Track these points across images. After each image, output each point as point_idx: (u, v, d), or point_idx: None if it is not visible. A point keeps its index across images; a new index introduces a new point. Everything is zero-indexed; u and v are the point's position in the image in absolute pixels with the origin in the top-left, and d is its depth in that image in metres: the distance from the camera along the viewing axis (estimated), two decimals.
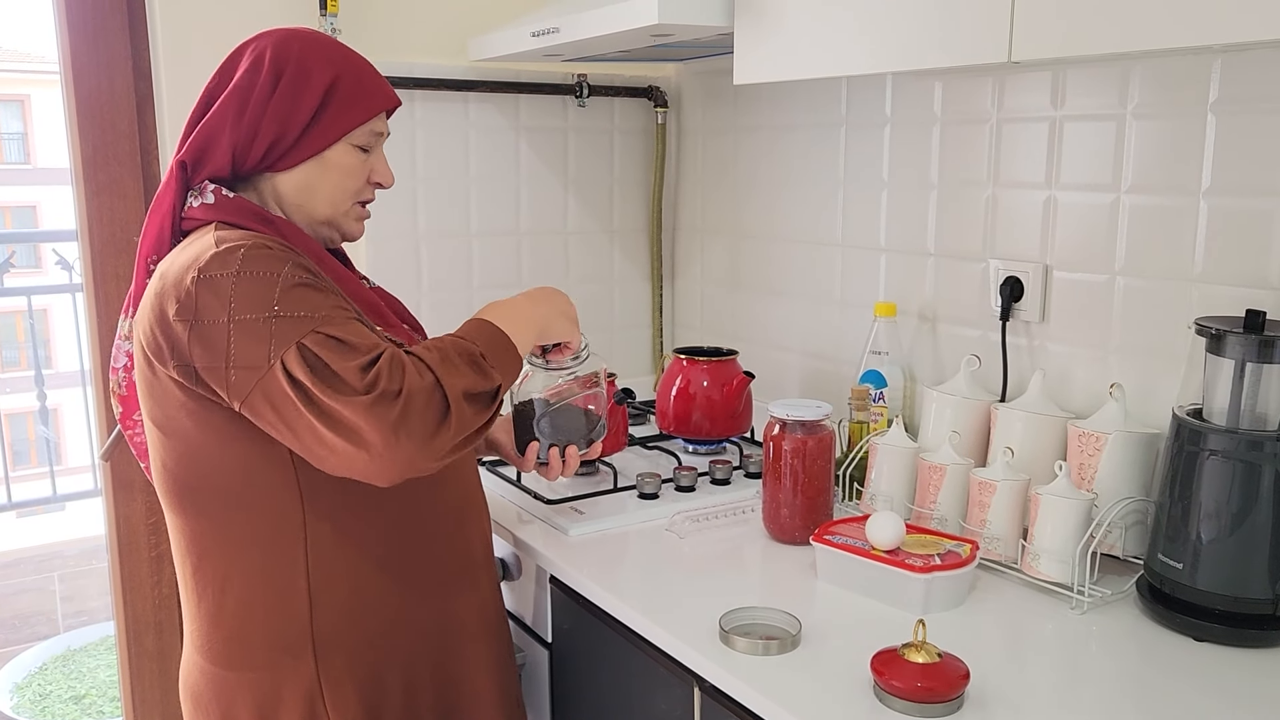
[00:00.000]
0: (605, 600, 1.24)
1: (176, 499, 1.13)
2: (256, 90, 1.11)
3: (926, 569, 1.17)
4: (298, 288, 1.03)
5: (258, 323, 1.00)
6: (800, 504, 1.37)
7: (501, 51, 1.78)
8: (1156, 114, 1.30)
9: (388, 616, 1.16)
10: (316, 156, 1.14)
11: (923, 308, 1.64)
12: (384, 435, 0.97)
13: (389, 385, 0.98)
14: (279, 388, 0.99)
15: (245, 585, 1.12)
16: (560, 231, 2.09)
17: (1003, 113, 1.49)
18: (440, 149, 1.93)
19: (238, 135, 1.11)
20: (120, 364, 1.22)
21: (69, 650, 3.30)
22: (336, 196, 1.17)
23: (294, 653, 1.12)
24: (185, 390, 1.05)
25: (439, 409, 1.00)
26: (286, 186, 1.15)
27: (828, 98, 1.78)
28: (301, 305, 1.01)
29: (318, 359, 0.99)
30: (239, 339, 1.00)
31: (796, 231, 1.89)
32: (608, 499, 1.53)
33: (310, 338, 1.00)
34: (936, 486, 1.36)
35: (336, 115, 1.14)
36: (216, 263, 1.02)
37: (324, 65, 1.13)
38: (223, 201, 1.11)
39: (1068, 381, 1.43)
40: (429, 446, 1.00)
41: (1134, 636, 1.13)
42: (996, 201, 1.51)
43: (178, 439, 1.09)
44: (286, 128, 1.12)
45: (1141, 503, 1.26)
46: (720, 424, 1.73)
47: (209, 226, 1.10)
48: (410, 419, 0.98)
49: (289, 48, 1.14)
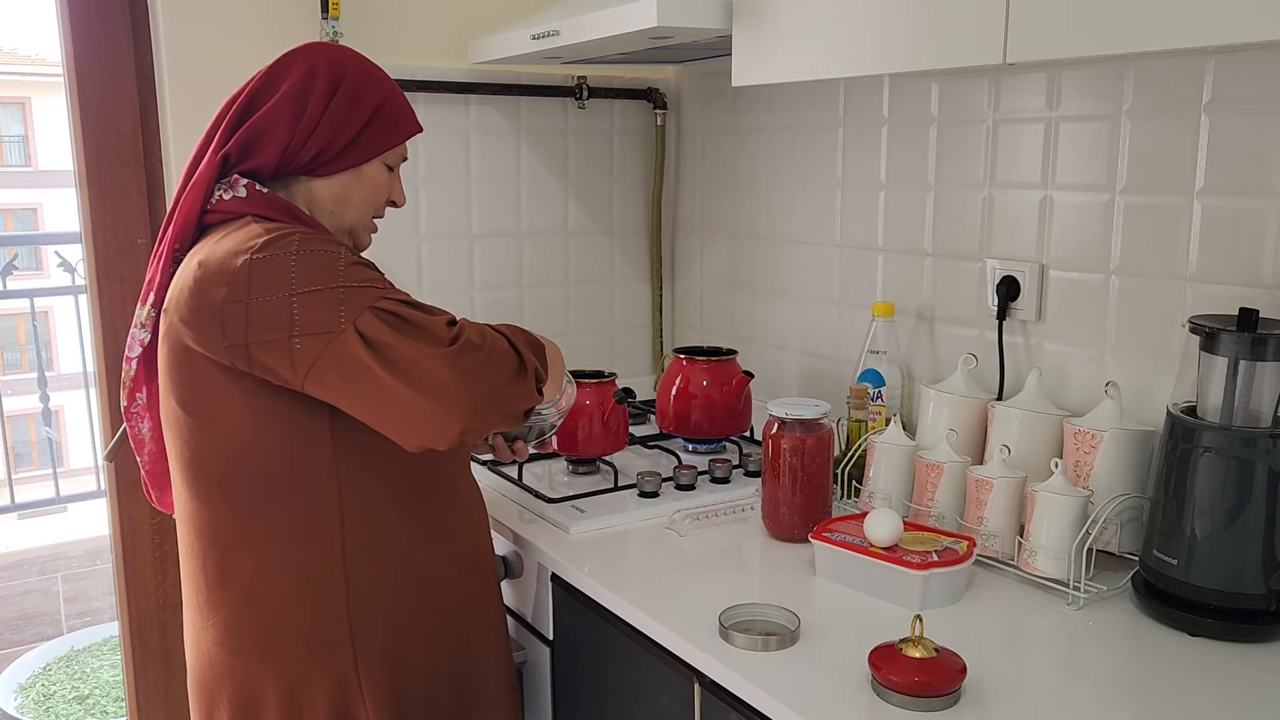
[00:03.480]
0: (606, 598, 1.25)
1: (205, 487, 1.14)
2: (313, 98, 1.16)
3: (924, 565, 1.18)
4: (358, 265, 1.10)
5: (324, 293, 1.05)
6: (799, 502, 1.39)
7: (501, 54, 1.79)
8: (1150, 114, 1.31)
9: (416, 604, 1.20)
10: (355, 168, 1.20)
11: (920, 307, 1.66)
12: (465, 382, 1.06)
13: (471, 336, 1.09)
14: (350, 351, 1.04)
15: (279, 575, 1.13)
16: (560, 233, 2.10)
17: (999, 113, 1.50)
18: (441, 151, 1.94)
19: (291, 137, 1.16)
20: (135, 354, 1.21)
21: (73, 651, 3.31)
22: (365, 208, 1.24)
23: (330, 642, 1.15)
24: (230, 374, 1.08)
25: (514, 368, 1.12)
26: (323, 192, 1.20)
27: (826, 99, 1.79)
28: (365, 278, 1.09)
29: (397, 317, 1.07)
30: (304, 309, 1.04)
31: (795, 232, 1.90)
32: (608, 497, 1.54)
33: (383, 302, 1.07)
34: (934, 484, 1.37)
35: (380, 133, 1.21)
36: (274, 245, 1.06)
37: (375, 85, 1.21)
38: (256, 196, 1.15)
39: (1064, 380, 1.44)
40: (500, 403, 1.11)
41: (1129, 631, 1.14)
42: (993, 201, 1.53)
43: (213, 425, 1.11)
44: (336, 137, 1.17)
45: (1137, 499, 1.27)
46: (720, 423, 1.74)
47: (244, 219, 1.13)
48: (489, 372, 1.09)
49: (344, 64, 1.20)
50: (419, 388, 1.05)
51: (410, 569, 1.19)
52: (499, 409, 1.12)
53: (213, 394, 1.10)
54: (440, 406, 1.06)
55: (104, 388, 1.79)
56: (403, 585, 1.19)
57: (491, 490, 1.60)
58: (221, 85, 1.26)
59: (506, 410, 1.13)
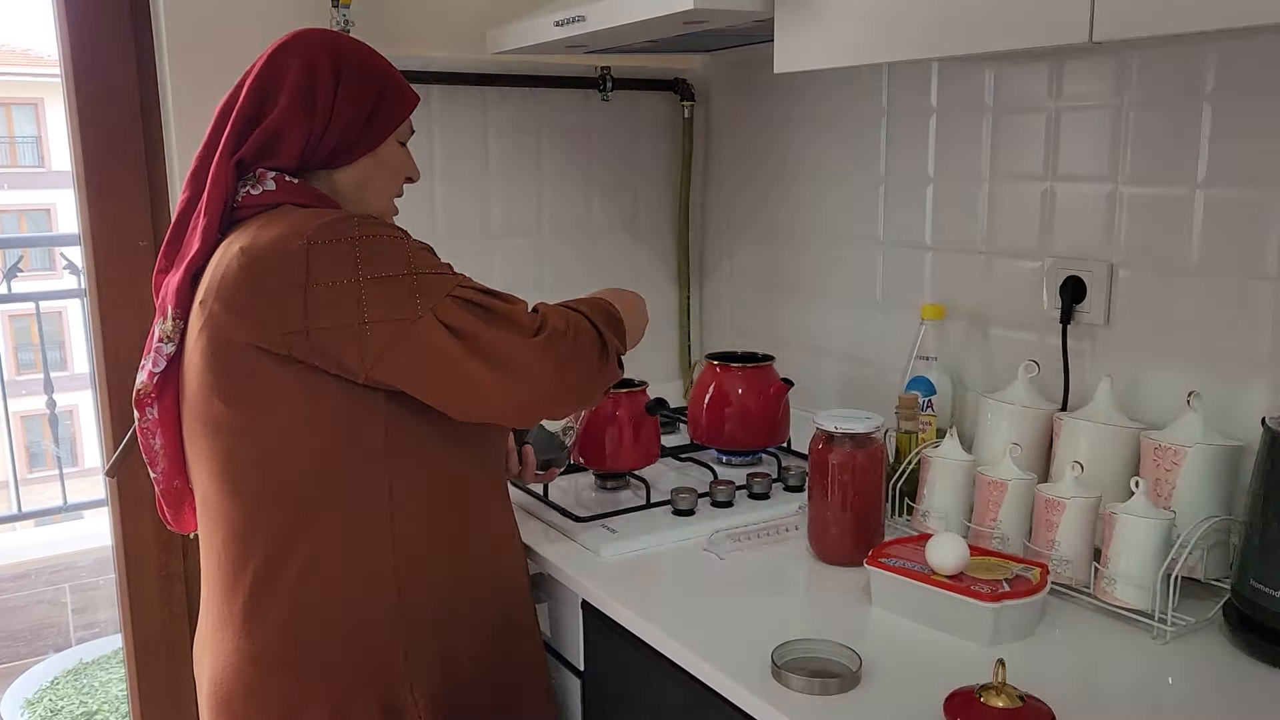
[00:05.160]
0: (645, 630, 1.15)
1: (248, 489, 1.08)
2: (322, 91, 1.12)
3: (995, 597, 1.08)
4: (424, 250, 1.08)
5: (396, 279, 1.03)
6: (850, 522, 1.28)
7: (522, 43, 1.69)
8: (1236, 98, 1.20)
9: (464, 608, 1.15)
10: (372, 153, 1.17)
11: (973, 310, 1.55)
12: (555, 369, 1.08)
13: (555, 325, 1.10)
14: (430, 338, 1.02)
15: (328, 582, 1.08)
16: (584, 231, 2.01)
17: (1061, 100, 1.39)
18: (458, 147, 1.85)
19: (309, 134, 1.12)
20: (160, 368, 1.12)
21: (81, 663, 3.23)
22: (388, 191, 1.21)
23: (381, 655, 1.10)
24: (284, 364, 1.03)
25: (598, 350, 1.13)
26: (345, 183, 1.16)
27: (867, 88, 1.68)
28: (437, 265, 1.07)
29: (480, 306, 1.06)
30: (374, 294, 1.02)
31: (832, 229, 1.79)
32: (640, 515, 1.44)
33: (460, 291, 1.05)
34: (997, 503, 1.26)
35: (389, 112, 1.17)
36: (331, 228, 1.03)
37: (373, 65, 1.17)
38: (287, 186, 1.11)
39: (1136, 389, 1.33)
40: (591, 382, 1.14)
41: (1224, 668, 1.04)
42: (1054, 195, 1.42)
43: (263, 420, 1.06)
44: (351, 125, 1.14)
45: (1224, 521, 1.16)
46: (757, 434, 1.64)
47: (281, 208, 1.09)
48: (578, 358, 1.11)
49: (340, 50, 1.15)
50: (512, 376, 1.05)
51: (459, 571, 1.15)
52: (586, 391, 1.15)
53: (263, 387, 1.05)
54: (533, 393, 1.08)
55: (105, 398, 1.70)
56: (453, 589, 1.14)
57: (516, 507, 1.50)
58: (228, 81, 1.18)
59: (593, 391, 1.17)
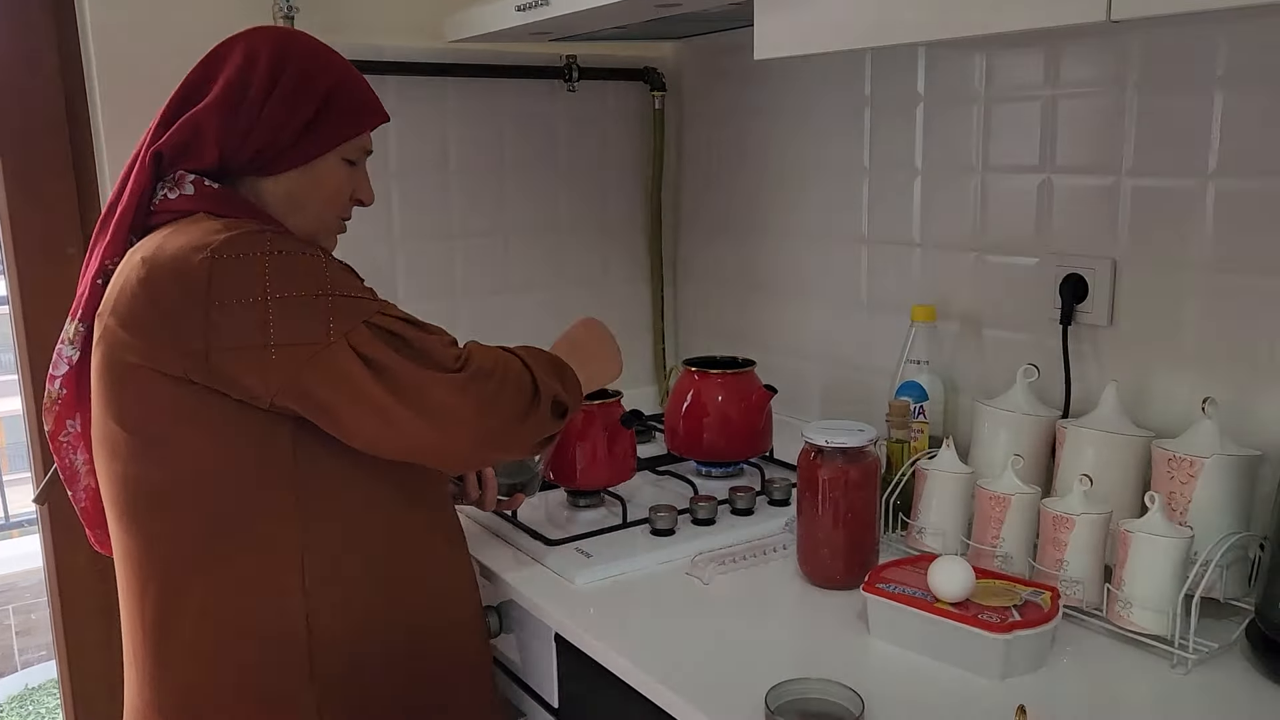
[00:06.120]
0: (625, 670, 1.05)
1: (143, 519, 1.00)
2: (253, 89, 1.03)
3: (1006, 627, 0.99)
4: (344, 271, 1.00)
5: (308, 299, 0.95)
6: (843, 542, 1.19)
7: (481, 30, 1.58)
8: (1251, 85, 1.12)
9: (388, 658, 1.06)
10: (305, 166, 1.07)
11: (965, 310, 1.46)
12: (475, 413, 0.98)
13: (480, 362, 1.00)
14: (342, 366, 0.94)
15: (229, 624, 0.99)
16: (551, 229, 1.91)
17: (1058, 87, 1.31)
18: (415, 141, 1.74)
19: (228, 133, 1.03)
20: (61, 372, 1.08)
21: (26, 689, 3.08)
22: (321, 210, 1.10)
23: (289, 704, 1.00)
24: (180, 386, 0.95)
25: (529, 393, 1.03)
26: (272, 193, 1.07)
27: (849, 75, 1.59)
28: (355, 288, 0.99)
29: (397, 337, 0.97)
30: (282, 316, 0.93)
31: (813, 225, 1.70)
32: (617, 536, 1.34)
33: (378, 318, 0.97)
34: (999, 520, 1.18)
35: (333, 126, 1.07)
36: (239, 242, 0.95)
37: (325, 72, 1.07)
38: (207, 192, 1.03)
39: (1143, 395, 1.25)
40: (512, 430, 1.02)
41: (1251, 698, 0.96)
42: (1051, 188, 1.33)
43: (157, 447, 0.98)
44: (280, 132, 1.04)
45: (1245, 537, 1.08)
46: (738, 444, 1.54)
47: (195, 215, 1.01)
48: (502, 398, 1.00)
49: (289, 49, 1.06)
50: (428, 415, 0.96)
51: (381, 617, 1.05)
52: (512, 439, 1.04)
53: (158, 411, 0.97)
54: (450, 437, 0.98)
55: (34, 418, 1.57)
56: (373, 636, 1.04)
57: (480, 528, 1.40)
58: (162, 72, 1.09)
59: (520, 441, 1.05)
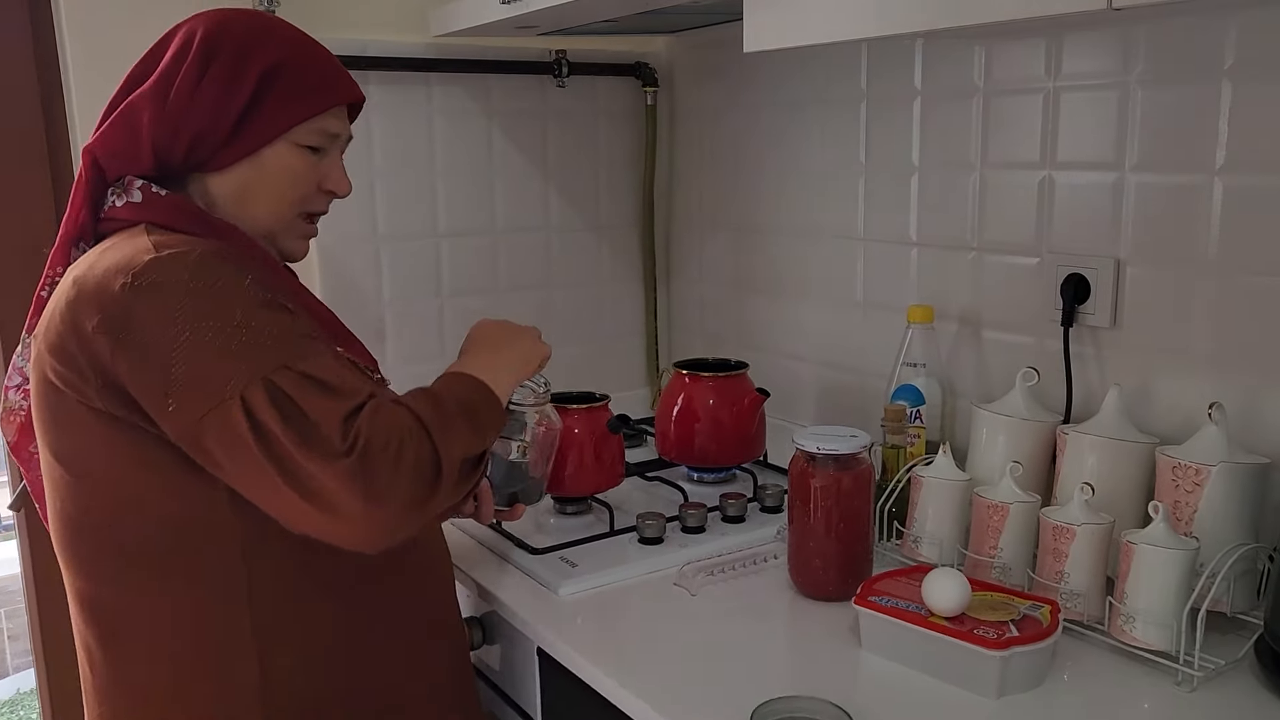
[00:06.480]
0: (609, 689, 1.01)
1: (84, 556, 0.95)
2: (182, 76, 0.95)
3: (1003, 643, 0.95)
4: (266, 307, 0.88)
5: (215, 344, 0.84)
6: (834, 553, 1.15)
7: (467, 24, 1.54)
8: (1262, 76, 1.07)
9: (349, 690, 0.99)
10: (252, 156, 0.98)
11: (964, 311, 1.42)
12: (364, 503, 0.83)
13: (373, 441, 0.84)
14: (234, 427, 0.83)
15: (176, 662, 0.94)
16: (541, 229, 1.86)
17: (1058, 79, 1.26)
18: (400, 139, 1.69)
19: (159, 128, 0.95)
20: (14, 383, 1.05)
21: (19, 693, 3.06)
22: (278, 205, 1.01)
23: None
24: (106, 419, 0.89)
25: (430, 473, 0.87)
26: (219, 191, 0.99)
27: (844, 68, 1.55)
28: (270, 328, 0.87)
29: (291, 402, 0.84)
30: (187, 361, 0.84)
31: (808, 223, 1.66)
32: (603, 545, 1.30)
33: (282, 375, 0.85)
34: (996, 529, 1.13)
35: (277, 108, 0.97)
36: (159, 268, 0.87)
37: (264, 50, 0.97)
38: (153, 199, 0.96)
39: (1147, 399, 1.21)
40: (413, 515, 0.87)
41: (1260, 716, 0.92)
42: (1053, 184, 1.29)
43: (91, 480, 0.92)
44: (216, 121, 0.96)
45: (1254, 549, 1.04)
46: (730, 449, 1.50)
47: (136, 228, 0.95)
48: (397, 485, 0.85)
49: (227, 29, 0.98)
50: (311, 500, 0.83)
51: (341, 647, 0.99)
52: (416, 522, 0.89)
53: (88, 440, 0.91)
54: (343, 525, 0.84)
55: None
56: (331, 668, 0.98)
57: (462, 535, 1.36)
58: None
59: (427, 519, 0.91)
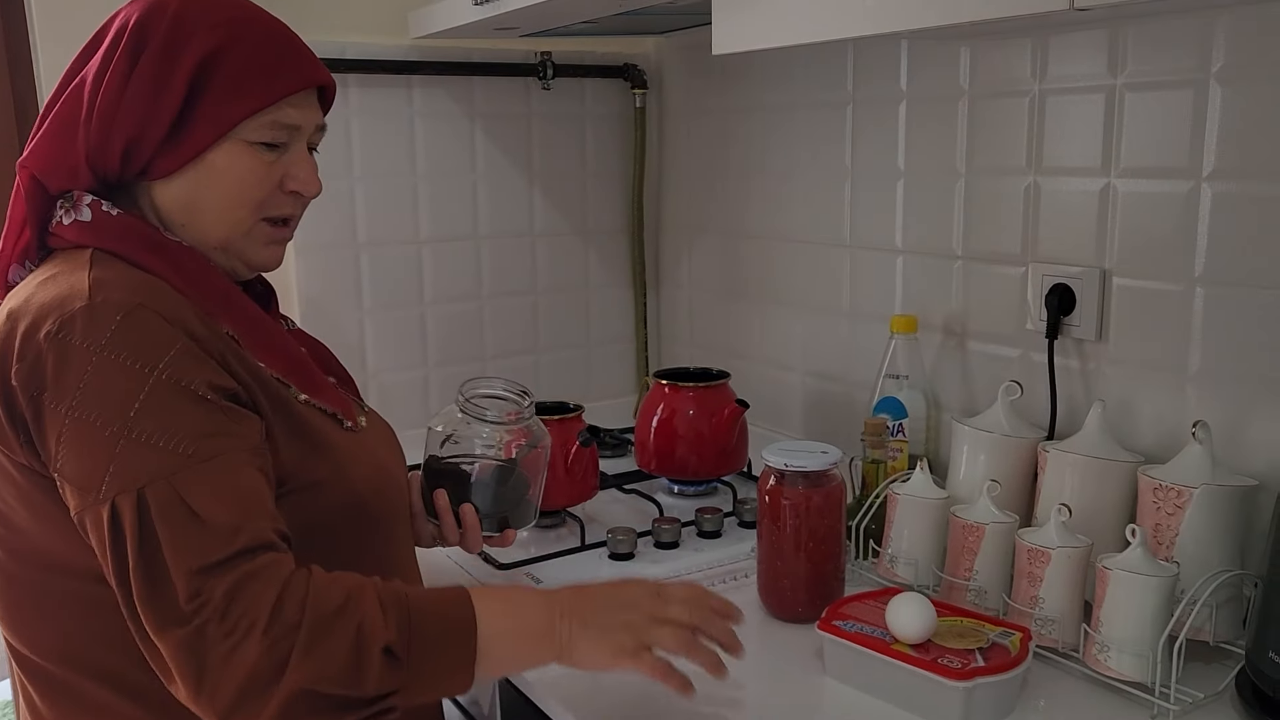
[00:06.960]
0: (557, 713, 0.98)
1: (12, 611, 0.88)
2: (110, 73, 0.84)
3: (967, 673, 0.90)
4: (173, 392, 0.77)
5: (100, 434, 0.76)
6: (804, 573, 1.11)
7: (444, 25, 1.52)
8: (1249, 76, 1.03)
9: None
10: (196, 160, 0.86)
11: (949, 321, 1.38)
12: (194, 685, 0.72)
13: (215, 619, 0.72)
14: (101, 529, 0.75)
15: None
16: (526, 234, 1.84)
17: (1046, 83, 1.22)
18: (381, 142, 1.68)
19: (89, 134, 0.85)
20: None
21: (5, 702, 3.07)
22: (233, 213, 0.89)
23: None
24: (23, 471, 0.82)
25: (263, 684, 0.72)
26: (165, 202, 0.88)
27: (831, 70, 1.51)
28: (167, 423, 0.76)
29: (152, 531, 0.73)
30: (70, 443, 0.76)
31: (796, 230, 1.62)
32: (573, 560, 1.27)
33: (156, 489, 0.74)
34: (973, 550, 1.09)
35: (218, 103, 0.85)
36: (83, 320, 0.78)
37: (198, 36, 0.84)
38: (103, 220, 0.86)
39: (1132, 415, 1.16)
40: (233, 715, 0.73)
41: None
42: (1039, 191, 1.25)
43: (15, 532, 0.85)
44: (148, 123, 0.84)
45: (1238, 575, 0.99)
46: (709, 461, 1.46)
47: (82, 253, 0.85)
48: (224, 683, 0.72)
49: (159, 13, 0.85)
50: (146, 646, 0.75)
51: None
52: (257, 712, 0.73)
53: (18, 499, 0.84)
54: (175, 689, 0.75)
55: None
56: None
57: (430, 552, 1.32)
58: None
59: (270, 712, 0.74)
